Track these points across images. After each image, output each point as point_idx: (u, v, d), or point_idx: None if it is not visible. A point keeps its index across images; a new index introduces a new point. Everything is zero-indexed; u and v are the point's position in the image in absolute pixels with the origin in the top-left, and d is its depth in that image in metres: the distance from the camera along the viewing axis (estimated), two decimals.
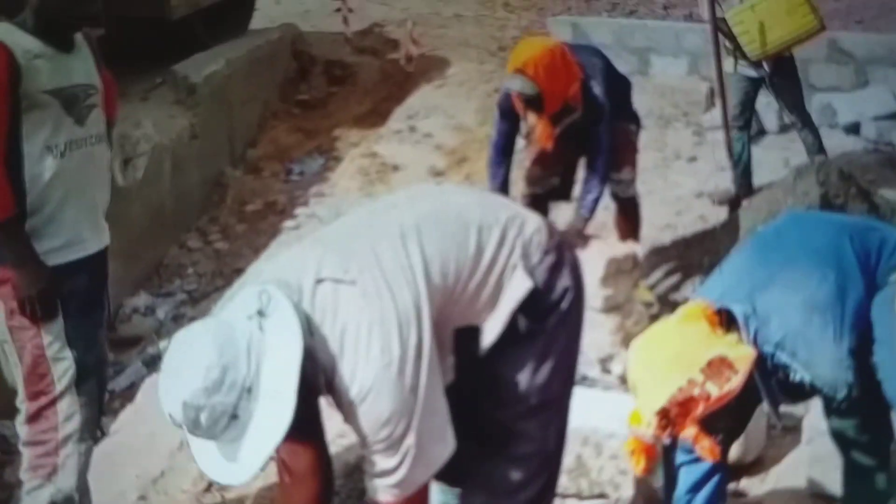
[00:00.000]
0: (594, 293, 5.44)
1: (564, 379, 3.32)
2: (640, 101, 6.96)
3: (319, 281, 2.94)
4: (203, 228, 7.22)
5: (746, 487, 4.55)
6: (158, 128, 7.01)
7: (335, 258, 3.00)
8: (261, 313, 2.82)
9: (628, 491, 4.24)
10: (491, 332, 3.13)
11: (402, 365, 2.89)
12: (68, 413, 3.94)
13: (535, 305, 3.16)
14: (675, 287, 6.11)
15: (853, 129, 8.38)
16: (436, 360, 2.97)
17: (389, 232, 3.07)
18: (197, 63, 8.17)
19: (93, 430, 4.06)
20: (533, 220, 3.28)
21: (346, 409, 2.94)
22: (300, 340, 2.79)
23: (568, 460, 4.03)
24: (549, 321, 3.20)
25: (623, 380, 5.24)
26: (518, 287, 3.12)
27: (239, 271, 6.35)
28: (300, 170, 8.02)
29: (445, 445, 3.01)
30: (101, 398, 4.20)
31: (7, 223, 3.79)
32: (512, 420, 3.21)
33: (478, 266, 3.09)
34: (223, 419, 2.77)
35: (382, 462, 2.96)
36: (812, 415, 4.31)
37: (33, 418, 3.94)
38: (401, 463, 2.94)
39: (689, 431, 3.48)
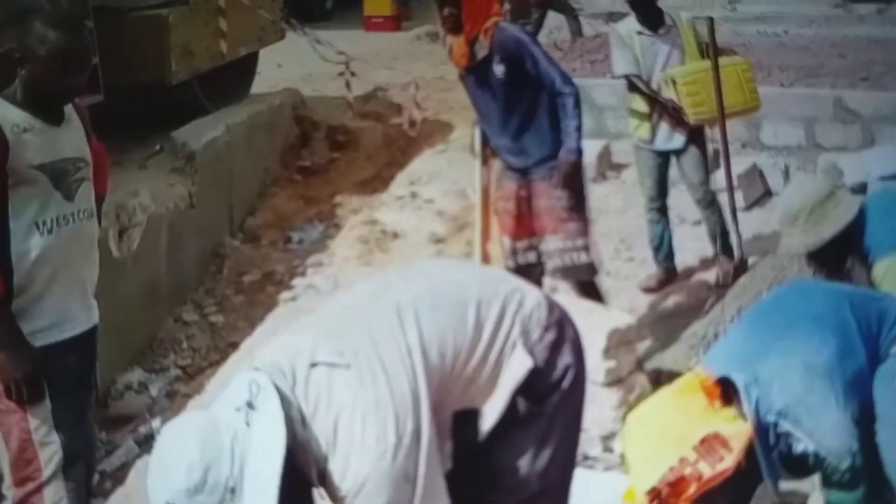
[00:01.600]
0: (595, 366, 5.30)
1: (565, 463, 3.21)
2: None
3: (313, 365, 2.87)
4: (199, 301, 7.16)
5: None
6: (155, 197, 6.95)
7: (329, 341, 2.93)
8: (250, 405, 2.77)
9: None
10: (491, 414, 3.03)
11: (397, 453, 2.80)
12: (55, 499, 3.86)
13: (535, 385, 3.06)
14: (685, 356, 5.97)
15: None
16: (435, 446, 2.89)
17: (386, 312, 3.00)
18: (196, 129, 8.15)
19: None
20: (533, 294, 3.20)
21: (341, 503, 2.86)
22: (283, 441, 2.73)
23: None
24: (550, 402, 3.09)
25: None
26: (518, 366, 3.03)
27: (235, 345, 6.25)
28: (299, 238, 7.98)
29: None
30: (89, 483, 4.12)
31: None
32: None
33: (476, 344, 3.01)
34: None
35: None
36: (816, 495, 4.18)
37: None
38: None
39: None
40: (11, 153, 3.71)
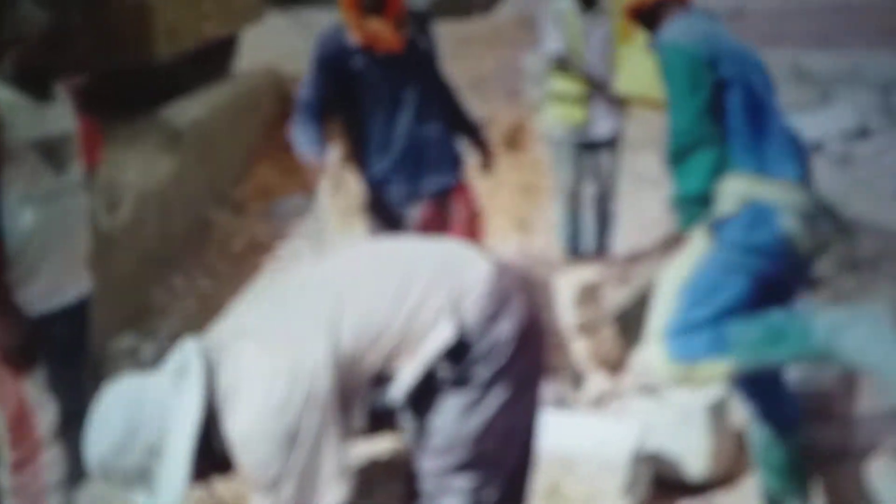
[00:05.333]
0: (566, 316, 5.44)
1: (506, 435, 3.09)
2: None
3: (231, 335, 2.97)
4: (188, 270, 7.14)
5: (718, 502, 4.52)
6: (143, 172, 6.94)
7: (249, 311, 3.07)
8: (180, 372, 2.88)
9: None
10: (403, 381, 2.98)
11: (283, 414, 2.85)
12: (52, 461, 3.90)
13: (462, 354, 2.99)
14: (641, 308, 6.01)
15: (816, 147, 8.33)
16: (333, 415, 2.90)
17: (307, 283, 3.09)
18: (181, 108, 8.15)
19: (76, 478, 3.99)
20: (478, 264, 3.11)
21: (234, 458, 2.93)
22: (200, 408, 2.84)
23: (542, 485, 3.99)
24: (480, 372, 3.00)
25: (596, 402, 5.22)
26: (439, 336, 2.96)
27: (223, 312, 6.22)
28: (283, 209, 7.95)
29: (335, 494, 2.94)
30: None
31: None
32: (440, 473, 3.05)
33: (398, 314, 2.97)
34: (133, 477, 2.84)
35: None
36: None
37: (17, 467, 3.91)
38: None
39: None
40: (3, 128, 3.73)
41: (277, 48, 10.58)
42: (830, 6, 11.23)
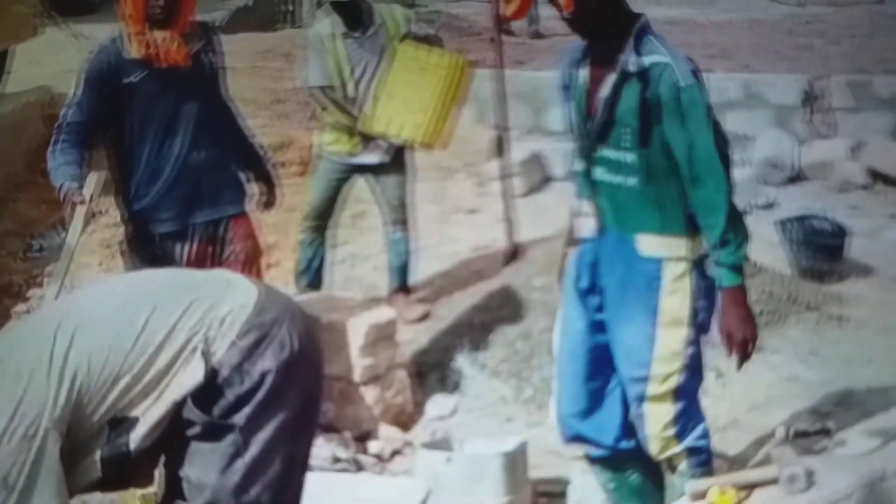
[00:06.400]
0: (353, 364, 5.17)
1: (277, 479, 2.90)
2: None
3: None
4: None
5: None
6: None
7: None
8: None
9: None
10: (143, 426, 2.82)
11: None
12: None
13: (218, 396, 2.82)
14: (449, 350, 5.75)
15: None
16: (53, 454, 2.74)
17: (47, 321, 2.93)
18: None
19: None
20: (240, 294, 2.92)
21: None
22: None
23: None
24: (240, 414, 2.83)
25: (380, 458, 4.96)
26: (188, 377, 2.80)
27: None
28: (41, 245, 7.44)
29: None
30: None
31: None
32: None
33: (140, 354, 2.81)
34: None
35: None
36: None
37: None
38: None
39: None
40: None
41: (53, 65, 10.07)
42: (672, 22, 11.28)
